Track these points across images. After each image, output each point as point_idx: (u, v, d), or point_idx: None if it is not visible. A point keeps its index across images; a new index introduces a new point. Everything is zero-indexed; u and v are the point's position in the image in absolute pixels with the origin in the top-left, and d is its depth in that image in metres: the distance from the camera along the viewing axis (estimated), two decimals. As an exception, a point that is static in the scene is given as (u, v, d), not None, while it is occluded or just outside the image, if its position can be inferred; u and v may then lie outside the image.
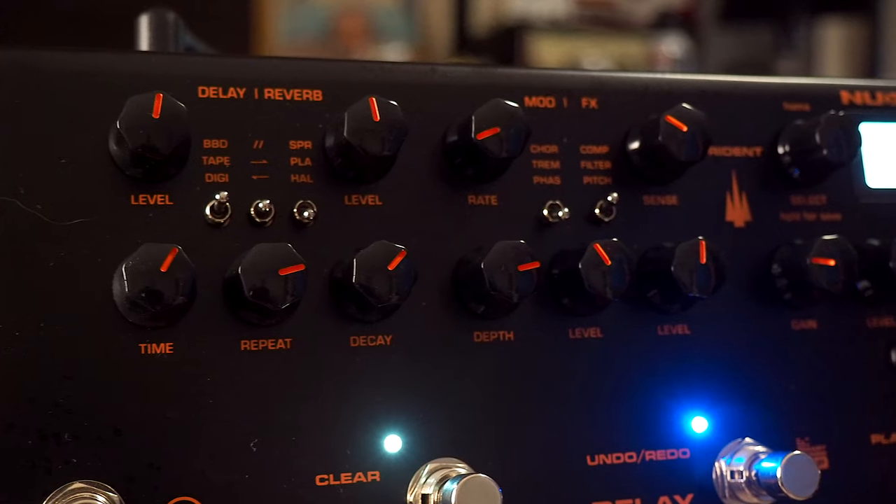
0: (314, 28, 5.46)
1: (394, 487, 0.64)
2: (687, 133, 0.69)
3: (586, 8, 5.32)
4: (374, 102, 0.64)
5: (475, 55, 5.07)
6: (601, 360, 0.70)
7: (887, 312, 0.77)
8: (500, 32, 5.30)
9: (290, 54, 5.36)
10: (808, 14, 5.04)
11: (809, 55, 5.23)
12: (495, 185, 0.69)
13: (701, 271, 0.68)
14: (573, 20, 5.28)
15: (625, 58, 5.15)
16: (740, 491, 0.69)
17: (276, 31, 5.36)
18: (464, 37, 5.42)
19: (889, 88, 0.80)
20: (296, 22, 5.44)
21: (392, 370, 0.65)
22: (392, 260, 0.62)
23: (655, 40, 5.00)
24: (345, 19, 5.52)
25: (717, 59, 5.10)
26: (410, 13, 5.61)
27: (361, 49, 5.48)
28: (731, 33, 5.22)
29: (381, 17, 5.57)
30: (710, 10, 5.17)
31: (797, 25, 5.02)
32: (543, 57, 5.20)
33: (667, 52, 4.56)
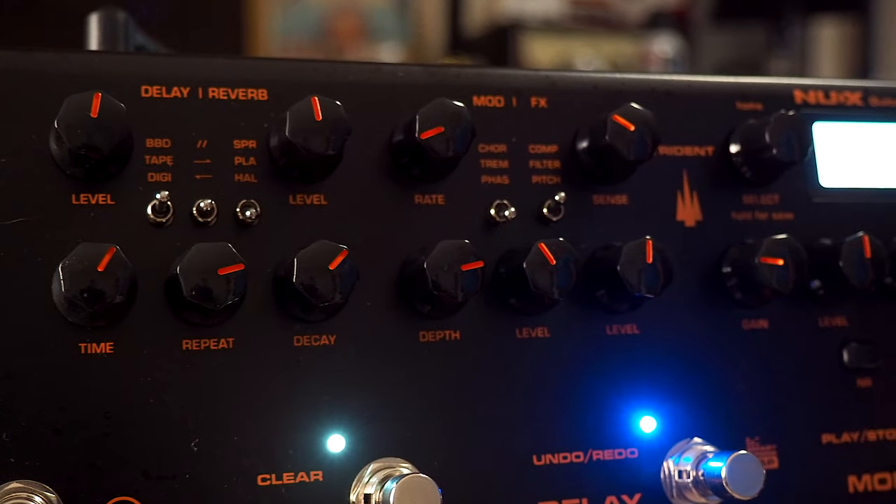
0: (308, 28, 5.46)
1: (337, 487, 0.64)
2: (634, 132, 0.69)
3: (580, 7, 5.32)
4: (317, 102, 0.63)
5: (469, 55, 5.07)
6: (548, 359, 0.70)
7: (839, 312, 0.76)
8: (493, 32, 5.30)
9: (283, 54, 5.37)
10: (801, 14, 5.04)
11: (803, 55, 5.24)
12: (442, 185, 0.69)
13: (648, 271, 0.68)
14: (567, 20, 5.28)
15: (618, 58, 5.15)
16: (687, 490, 0.69)
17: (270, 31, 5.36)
18: (457, 36, 5.42)
19: (843, 88, 0.80)
20: (289, 22, 5.44)
21: (336, 370, 0.65)
22: (333, 259, 0.62)
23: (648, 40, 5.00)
24: (338, 19, 5.52)
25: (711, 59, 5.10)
26: (404, 13, 5.61)
27: (355, 49, 5.48)
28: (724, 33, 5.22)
29: (375, 17, 5.56)
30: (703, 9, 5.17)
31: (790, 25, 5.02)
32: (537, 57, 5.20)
33: (659, 52, 4.56)
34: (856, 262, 0.72)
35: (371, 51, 5.47)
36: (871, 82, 0.81)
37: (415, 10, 5.60)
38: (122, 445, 0.61)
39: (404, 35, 5.61)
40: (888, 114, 0.81)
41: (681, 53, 4.96)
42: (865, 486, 0.75)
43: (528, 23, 5.21)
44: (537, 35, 5.25)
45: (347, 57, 5.31)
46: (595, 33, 5.26)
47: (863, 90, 0.80)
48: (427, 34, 5.57)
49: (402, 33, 5.61)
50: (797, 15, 5.04)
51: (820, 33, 5.37)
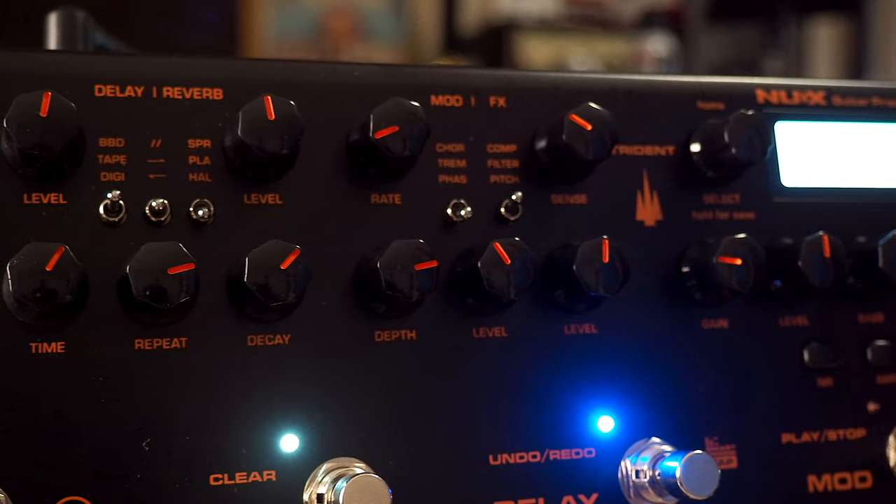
0: (303, 28, 5.46)
1: (290, 487, 0.64)
2: (592, 132, 0.69)
3: (575, 7, 5.32)
4: (269, 101, 0.63)
5: (464, 55, 5.07)
6: (506, 359, 0.69)
7: (800, 312, 0.76)
8: (488, 32, 5.30)
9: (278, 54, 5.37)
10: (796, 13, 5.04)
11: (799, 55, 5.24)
12: (399, 185, 0.69)
13: (604, 270, 0.68)
14: (562, 19, 5.28)
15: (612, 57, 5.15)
16: (644, 490, 0.69)
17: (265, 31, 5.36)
18: (452, 36, 5.42)
19: (805, 87, 0.80)
20: (284, 22, 5.44)
21: (290, 369, 0.65)
22: (285, 259, 0.62)
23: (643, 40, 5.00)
24: (333, 19, 5.52)
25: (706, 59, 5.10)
26: (399, 13, 5.61)
27: (350, 49, 5.48)
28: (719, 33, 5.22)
29: (370, 17, 5.56)
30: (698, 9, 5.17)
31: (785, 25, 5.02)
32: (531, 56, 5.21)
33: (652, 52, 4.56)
34: (815, 261, 0.72)
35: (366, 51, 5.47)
36: (834, 82, 0.81)
37: (410, 9, 5.60)
38: (74, 445, 0.61)
39: (399, 35, 5.61)
40: (851, 113, 0.80)
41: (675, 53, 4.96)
42: (825, 485, 0.75)
43: (522, 22, 5.21)
44: (532, 35, 5.25)
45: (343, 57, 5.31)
46: (590, 33, 5.26)
47: (826, 90, 0.80)
48: (422, 34, 5.57)
49: (397, 33, 5.61)
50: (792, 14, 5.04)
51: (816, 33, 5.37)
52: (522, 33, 5.22)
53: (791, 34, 5.12)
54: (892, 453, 0.76)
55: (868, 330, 0.78)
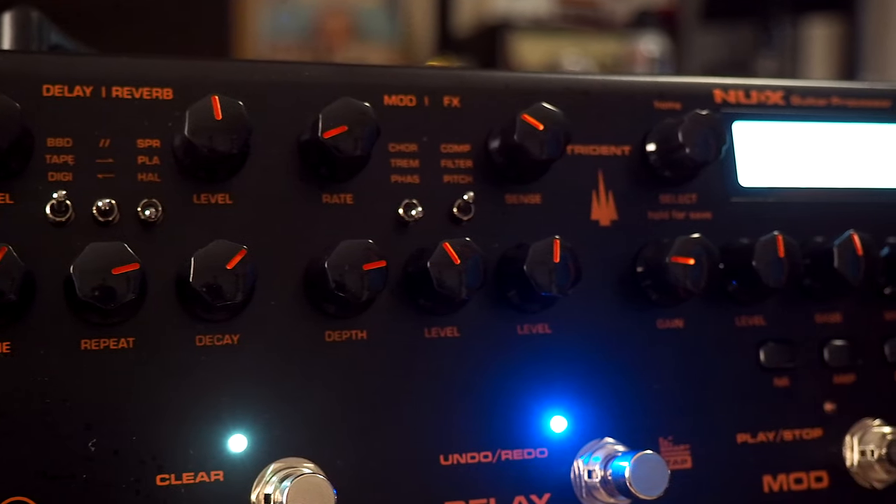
0: (297, 28, 5.46)
1: (238, 487, 0.64)
2: (543, 131, 0.69)
3: (569, 7, 5.32)
4: (217, 101, 0.63)
5: (458, 55, 5.07)
6: (458, 359, 0.69)
7: (757, 312, 0.76)
8: (482, 32, 5.30)
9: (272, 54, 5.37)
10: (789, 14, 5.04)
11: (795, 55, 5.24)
12: (351, 185, 0.69)
13: (555, 270, 0.68)
14: (556, 19, 5.28)
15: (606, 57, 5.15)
16: (596, 490, 0.69)
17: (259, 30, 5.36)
18: (446, 36, 5.42)
19: (764, 87, 0.80)
20: (279, 22, 5.44)
21: (239, 369, 0.65)
22: (231, 259, 0.62)
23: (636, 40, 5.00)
24: (328, 19, 5.52)
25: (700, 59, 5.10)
26: (394, 13, 5.61)
27: (344, 49, 5.48)
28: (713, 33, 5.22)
29: (365, 17, 5.57)
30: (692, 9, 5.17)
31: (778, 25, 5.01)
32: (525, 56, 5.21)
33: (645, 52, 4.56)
34: (769, 261, 0.72)
35: (360, 51, 5.47)
36: (793, 82, 0.81)
37: (404, 10, 5.60)
38: (19, 445, 0.61)
39: (394, 35, 5.61)
40: (810, 113, 0.80)
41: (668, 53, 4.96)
42: (781, 485, 0.75)
43: (516, 22, 5.21)
44: (526, 35, 5.25)
45: (337, 57, 5.31)
46: (584, 33, 5.26)
47: (784, 90, 0.80)
48: (416, 34, 5.57)
49: (391, 33, 5.61)
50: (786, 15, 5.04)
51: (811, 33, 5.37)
52: (516, 33, 5.22)
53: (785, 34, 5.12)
54: (848, 453, 0.76)
55: (825, 330, 0.78)
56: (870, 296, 0.79)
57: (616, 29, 5.21)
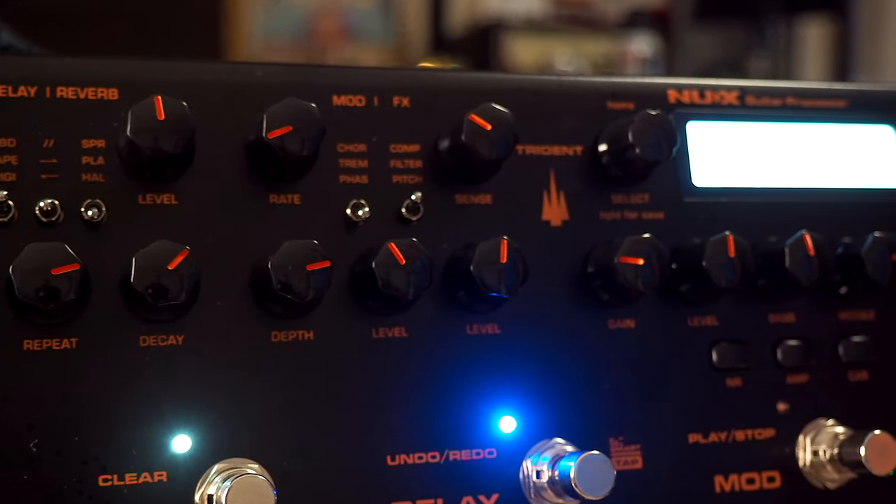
0: (290, 28, 5.46)
1: (182, 488, 0.64)
2: (491, 131, 0.69)
3: (563, 7, 5.33)
4: (160, 101, 0.63)
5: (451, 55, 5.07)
6: (406, 359, 0.69)
7: (709, 312, 0.76)
8: (475, 32, 5.30)
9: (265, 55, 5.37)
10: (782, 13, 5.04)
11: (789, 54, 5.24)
12: (299, 185, 0.69)
13: (503, 270, 0.68)
14: (549, 19, 5.29)
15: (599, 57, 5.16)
16: (544, 491, 0.69)
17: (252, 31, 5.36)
18: (440, 37, 5.42)
19: (718, 87, 0.80)
20: (272, 22, 5.44)
21: (183, 370, 0.65)
22: (173, 259, 0.62)
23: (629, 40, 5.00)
24: (321, 19, 5.52)
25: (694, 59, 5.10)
26: (387, 13, 5.61)
27: (338, 49, 5.48)
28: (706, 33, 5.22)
29: (358, 18, 5.57)
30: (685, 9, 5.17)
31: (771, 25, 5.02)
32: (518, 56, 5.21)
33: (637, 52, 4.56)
34: (720, 261, 0.72)
35: (354, 51, 5.47)
36: (749, 81, 0.81)
37: (398, 10, 5.60)
38: (-40, 446, 0.61)
39: (387, 36, 5.61)
40: (765, 113, 0.80)
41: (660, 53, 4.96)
42: (732, 485, 0.75)
43: (510, 23, 5.22)
44: (519, 35, 5.26)
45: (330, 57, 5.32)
46: (577, 33, 5.26)
47: (739, 89, 0.80)
48: (410, 34, 5.57)
49: (385, 34, 5.61)
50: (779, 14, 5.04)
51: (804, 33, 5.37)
52: (509, 33, 5.22)
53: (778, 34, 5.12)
54: (801, 453, 0.76)
55: (779, 330, 0.77)
56: (824, 296, 0.79)
57: (609, 29, 5.22)
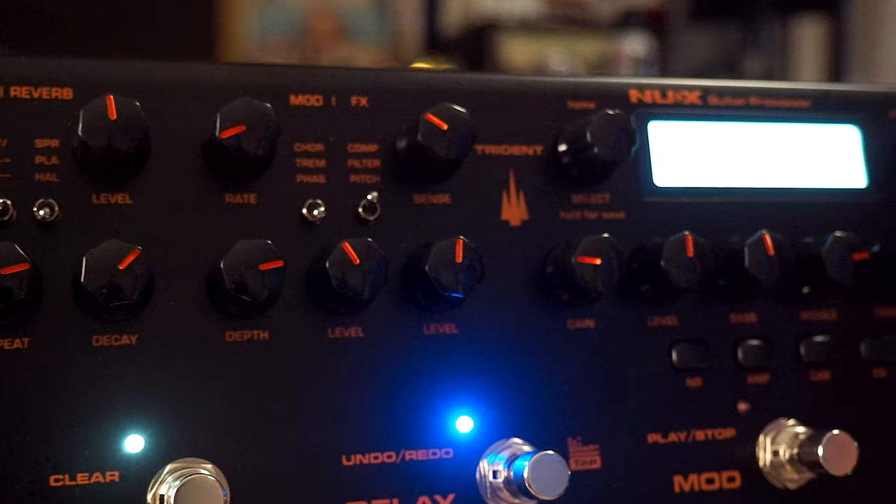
0: (285, 28, 5.46)
1: (134, 488, 0.64)
2: (447, 131, 0.69)
3: (558, 7, 5.33)
4: (112, 100, 0.63)
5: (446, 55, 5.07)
6: (362, 359, 0.69)
7: (670, 312, 0.76)
8: (470, 32, 5.30)
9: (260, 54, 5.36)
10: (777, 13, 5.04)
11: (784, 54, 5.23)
12: (256, 185, 0.69)
13: (459, 270, 0.68)
14: (544, 19, 5.28)
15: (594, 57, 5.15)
16: (500, 491, 0.69)
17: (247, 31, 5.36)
18: (435, 37, 5.42)
19: (680, 87, 0.80)
20: (266, 22, 5.44)
21: (137, 370, 0.65)
22: (124, 259, 0.62)
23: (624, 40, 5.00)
24: (316, 19, 5.52)
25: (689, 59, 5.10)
26: (382, 13, 5.61)
27: (333, 49, 5.48)
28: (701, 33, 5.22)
29: (353, 18, 5.57)
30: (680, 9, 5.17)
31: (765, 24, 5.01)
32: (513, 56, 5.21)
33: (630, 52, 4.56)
34: (679, 261, 0.72)
35: (349, 51, 5.47)
36: (711, 81, 0.81)
37: (392, 10, 5.60)
38: None
39: (382, 35, 5.61)
40: (727, 113, 0.80)
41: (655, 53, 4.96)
42: (692, 485, 0.75)
43: (504, 23, 5.21)
44: (514, 35, 5.25)
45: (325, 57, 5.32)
46: (572, 33, 5.26)
47: (702, 89, 0.80)
48: (404, 34, 5.57)
49: (379, 34, 5.61)
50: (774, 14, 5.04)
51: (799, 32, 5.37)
52: (504, 33, 5.22)
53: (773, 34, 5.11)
54: (761, 453, 0.76)
55: (740, 330, 0.77)
56: (786, 295, 0.79)
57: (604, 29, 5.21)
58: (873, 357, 0.80)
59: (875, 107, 0.84)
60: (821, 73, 5.18)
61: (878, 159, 0.83)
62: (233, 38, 5.22)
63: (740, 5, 5.09)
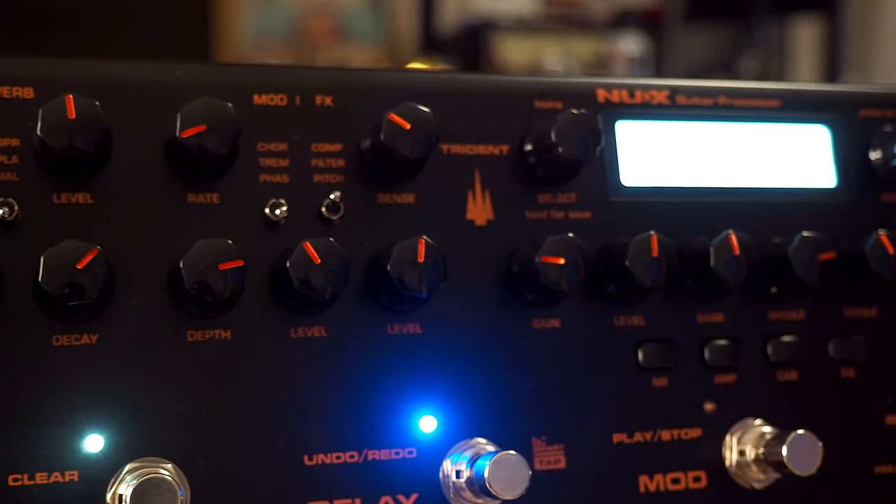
0: (282, 28, 5.46)
1: (93, 487, 0.64)
2: (410, 131, 0.69)
3: (553, 7, 5.33)
4: (71, 99, 0.63)
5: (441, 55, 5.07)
6: (325, 359, 0.69)
7: (637, 311, 0.76)
8: (466, 32, 5.30)
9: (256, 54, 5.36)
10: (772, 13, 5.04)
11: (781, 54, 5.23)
12: (218, 184, 0.69)
13: (421, 270, 0.68)
14: (540, 19, 5.29)
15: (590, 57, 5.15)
16: (463, 490, 0.69)
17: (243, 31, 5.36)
18: (431, 37, 5.42)
19: (648, 87, 0.80)
20: (263, 22, 5.44)
21: (97, 369, 0.65)
22: (82, 258, 0.62)
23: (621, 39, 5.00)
24: (312, 19, 5.52)
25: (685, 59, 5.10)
26: (378, 13, 5.61)
27: (329, 49, 5.48)
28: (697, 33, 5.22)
29: (349, 17, 5.57)
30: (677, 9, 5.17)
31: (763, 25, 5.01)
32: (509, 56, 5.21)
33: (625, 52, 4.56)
34: (643, 261, 0.72)
35: (345, 51, 5.47)
36: (680, 81, 0.81)
37: (389, 10, 5.60)
38: None
39: (378, 35, 5.62)
40: (696, 112, 0.80)
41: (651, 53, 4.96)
42: (657, 485, 0.74)
43: (500, 22, 5.22)
44: (509, 35, 5.26)
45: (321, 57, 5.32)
46: (568, 33, 5.26)
47: (670, 89, 0.80)
48: (401, 34, 5.57)
49: (376, 33, 5.62)
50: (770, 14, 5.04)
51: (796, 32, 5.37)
52: (500, 33, 5.23)
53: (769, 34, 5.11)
54: (728, 453, 0.76)
55: (707, 330, 0.77)
56: (754, 295, 0.78)
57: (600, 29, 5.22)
58: (841, 357, 0.80)
59: (845, 107, 0.84)
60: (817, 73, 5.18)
61: (847, 159, 0.83)
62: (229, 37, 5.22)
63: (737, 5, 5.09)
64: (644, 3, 5.25)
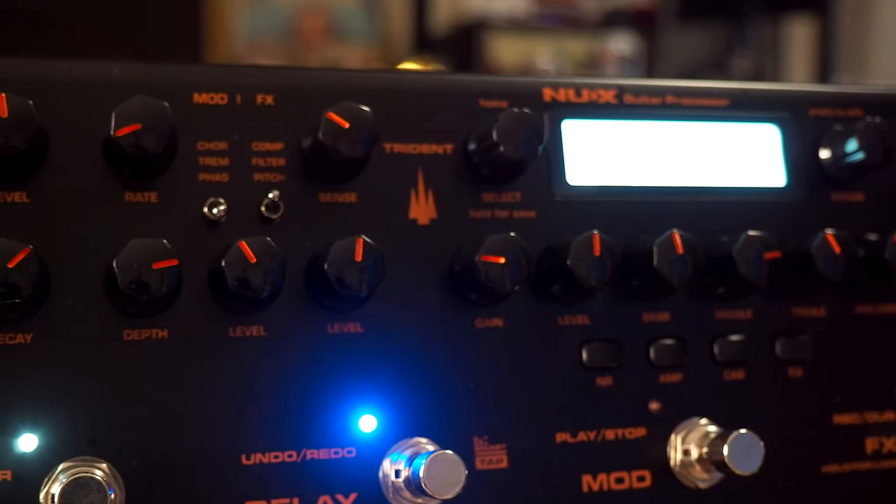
0: (275, 28, 5.46)
1: (27, 487, 0.64)
2: (349, 130, 0.69)
3: (546, 6, 5.33)
4: (3, 98, 0.63)
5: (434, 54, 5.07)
6: (263, 358, 0.69)
7: (581, 311, 0.76)
8: (459, 32, 5.30)
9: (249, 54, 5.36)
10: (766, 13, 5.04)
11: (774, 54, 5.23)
12: (156, 183, 0.69)
13: (361, 270, 0.67)
14: (532, 19, 5.29)
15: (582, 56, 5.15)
16: (402, 490, 0.69)
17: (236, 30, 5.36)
18: (424, 36, 5.42)
19: (596, 86, 0.79)
20: (256, 21, 5.44)
21: (31, 368, 0.65)
22: (13, 257, 0.62)
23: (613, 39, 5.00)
24: (306, 18, 5.52)
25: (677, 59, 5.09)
26: (371, 13, 5.61)
27: (322, 48, 5.48)
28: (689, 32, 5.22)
29: (342, 17, 5.57)
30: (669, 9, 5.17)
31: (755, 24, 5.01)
32: (501, 56, 5.21)
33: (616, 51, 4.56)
34: (586, 260, 0.72)
35: (338, 50, 5.47)
36: (627, 80, 0.80)
37: (382, 9, 5.60)
38: None
39: (371, 35, 5.62)
40: (643, 111, 0.80)
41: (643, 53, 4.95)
42: (601, 485, 0.74)
43: (493, 22, 5.22)
44: (502, 34, 5.26)
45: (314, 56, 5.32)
46: (560, 32, 5.26)
47: (617, 88, 0.80)
48: (394, 34, 5.57)
49: (369, 33, 5.62)
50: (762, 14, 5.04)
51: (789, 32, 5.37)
52: (493, 33, 5.23)
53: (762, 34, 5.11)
54: (672, 453, 0.76)
55: (653, 329, 0.77)
56: (701, 295, 0.78)
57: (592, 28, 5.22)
58: (788, 356, 0.79)
59: (795, 106, 0.84)
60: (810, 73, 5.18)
61: (797, 158, 0.83)
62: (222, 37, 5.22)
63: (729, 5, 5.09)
64: (637, 3, 5.25)
